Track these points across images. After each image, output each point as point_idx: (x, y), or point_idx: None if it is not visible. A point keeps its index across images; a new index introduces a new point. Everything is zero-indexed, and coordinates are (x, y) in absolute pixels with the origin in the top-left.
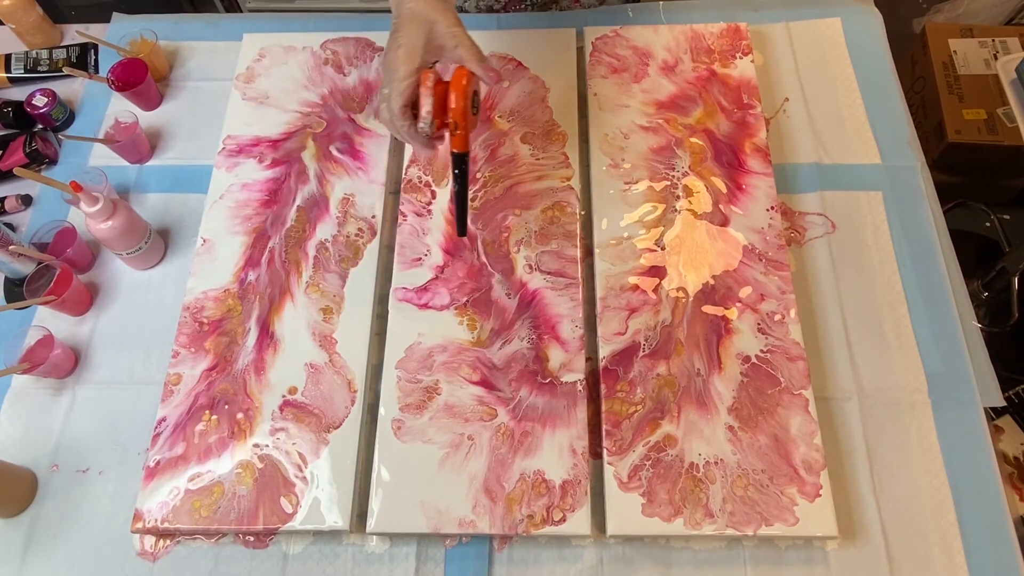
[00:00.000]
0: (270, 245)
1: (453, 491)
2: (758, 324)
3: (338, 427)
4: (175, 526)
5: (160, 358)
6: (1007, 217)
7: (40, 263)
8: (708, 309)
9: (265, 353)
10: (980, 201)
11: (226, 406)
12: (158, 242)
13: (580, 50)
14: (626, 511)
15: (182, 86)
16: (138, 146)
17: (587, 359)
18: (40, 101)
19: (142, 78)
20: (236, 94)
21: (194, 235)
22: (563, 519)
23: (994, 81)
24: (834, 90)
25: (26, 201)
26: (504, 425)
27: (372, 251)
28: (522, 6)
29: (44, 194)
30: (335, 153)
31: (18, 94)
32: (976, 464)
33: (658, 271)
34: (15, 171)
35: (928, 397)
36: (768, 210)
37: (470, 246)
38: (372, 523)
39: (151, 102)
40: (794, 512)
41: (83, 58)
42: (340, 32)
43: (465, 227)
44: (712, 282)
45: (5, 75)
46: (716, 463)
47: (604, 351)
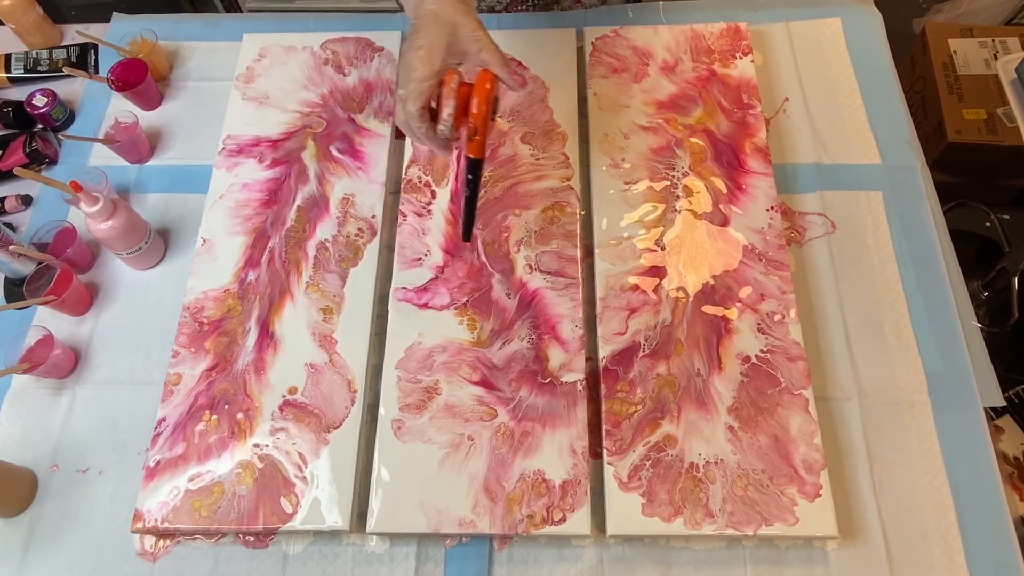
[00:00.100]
0: (270, 245)
1: (453, 491)
2: (758, 324)
3: (338, 427)
4: (175, 526)
5: (160, 358)
6: (1007, 217)
7: (40, 263)
8: (708, 309)
9: (265, 353)
10: (980, 201)
11: (226, 406)
12: (158, 242)
13: (580, 50)
14: (626, 511)
15: (182, 86)
16: (138, 146)
17: (587, 359)
18: (40, 101)
19: (142, 78)
20: (236, 94)
21: (194, 235)
22: (563, 519)
23: (994, 81)
24: (834, 90)
25: (26, 201)
26: (504, 425)
27: (372, 251)
28: (524, 6)
29: (44, 194)
30: (335, 153)
31: (18, 94)
32: (976, 464)
33: (658, 271)
34: (15, 171)
35: (928, 397)
36: (768, 210)
37: (470, 246)
38: (372, 523)
39: (151, 102)
40: (794, 512)
41: (83, 58)
42: (340, 32)
43: (470, 232)
44: (712, 282)
45: (5, 75)
46: (716, 463)
47: (604, 351)
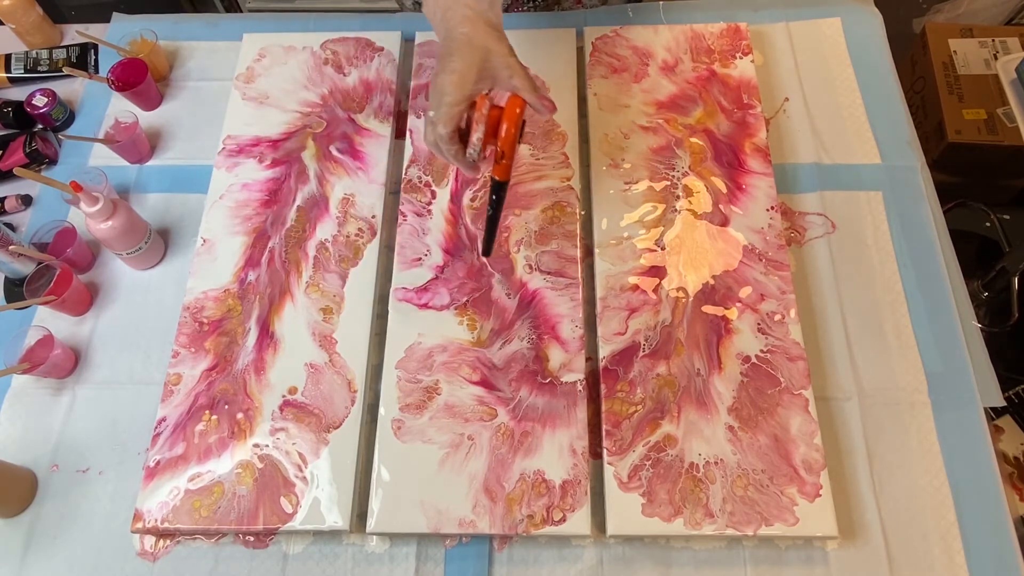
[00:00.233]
0: (270, 245)
1: (453, 491)
2: (758, 324)
3: (338, 427)
4: (175, 526)
5: (160, 358)
6: (1007, 217)
7: (40, 263)
8: (708, 309)
9: (265, 353)
10: (980, 201)
11: (226, 406)
12: (158, 242)
13: (580, 50)
14: (626, 511)
15: (182, 86)
16: (138, 146)
17: (587, 359)
18: (40, 101)
19: (142, 78)
20: (236, 94)
21: (194, 235)
22: (563, 519)
23: (994, 81)
24: (834, 90)
25: (26, 201)
26: (504, 425)
27: (372, 251)
28: (525, 7)
29: (44, 194)
30: (335, 153)
31: (18, 94)
32: (976, 464)
33: (658, 271)
34: (15, 171)
35: (928, 397)
36: (768, 210)
37: (470, 246)
38: (372, 523)
39: (151, 102)
40: (794, 512)
41: (83, 58)
42: (340, 32)
43: (491, 249)
44: (712, 282)
45: (5, 75)
46: (716, 463)
47: (604, 351)
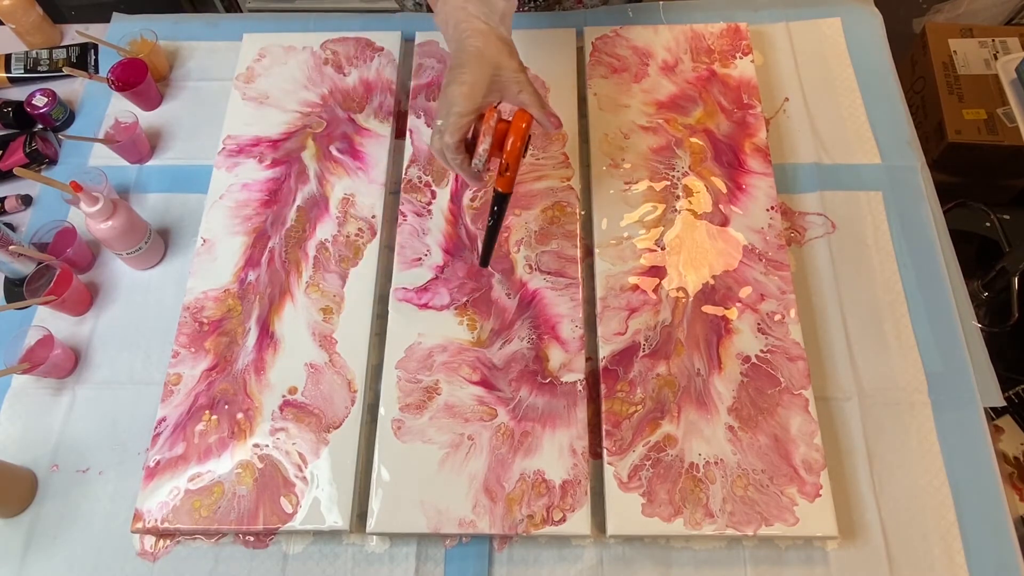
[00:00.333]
0: (270, 245)
1: (453, 491)
2: (758, 324)
3: (338, 427)
4: (175, 526)
5: (160, 358)
6: (1007, 217)
7: (40, 263)
8: (708, 309)
9: (265, 353)
10: (980, 201)
11: (226, 406)
12: (158, 242)
13: (580, 50)
14: (626, 511)
15: (182, 86)
16: (138, 146)
17: (587, 359)
18: (40, 101)
19: (142, 78)
20: (236, 94)
21: (194, 235)
22: (563, 519)
23: (994, 81)
24: (834, 90)
25: (26, 201)
26: (504, 425)
27: (372, 251)
28: (526, 7)
29: (44, 194)
30: (335, 153)
31: (18, 94)
32: (976, 464)
33: (658, 271)
34: (15, 171)
35: (928, 397)
36: (768, 210)
37: (470, 246)
38: (372, 523)
39: (151, 102)
40: (794, 512)
41: (83, 58)
42: (340, 32)
43: (488, 260)
44: (712, 282)
45: (5, 75)
46: (716, 463)
47: (604, 351)
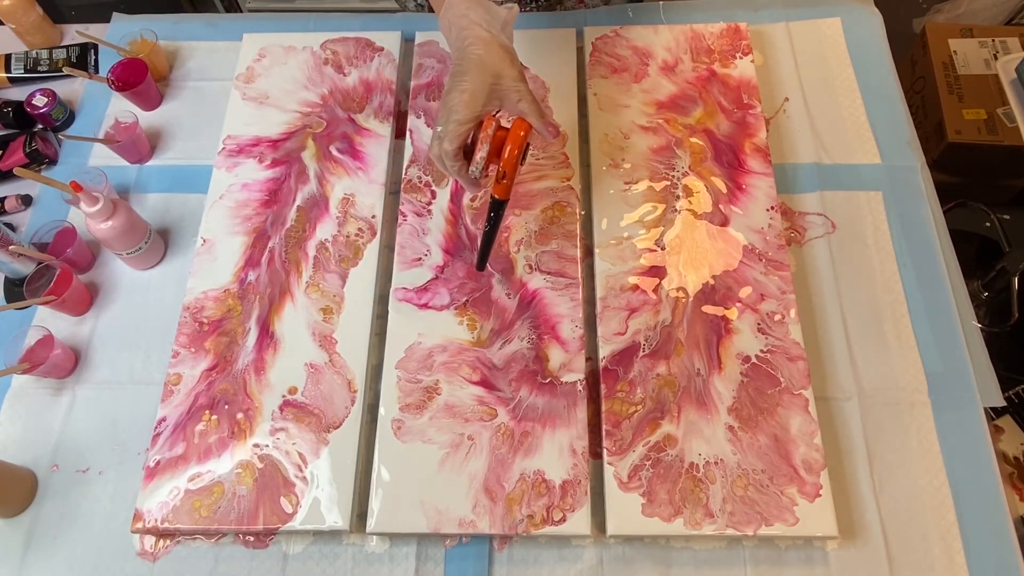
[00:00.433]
0: (270, 245)
1: (453, 491)
2: (758, 324)
3: (338, 427)
4: (175, 526)
5: (160, 358)
6: (1007, 217)
7: (40, 263)
8: (708, 309)
9: (265, 353)
10: (980, 201)
11: (226, 406)
12: (158, 242)
13: (580, 50)
14: (626, 511)
15: (182, 86)
16: (138, 146)
17: (587, 359)
18: (40, 101)
19: (142, 78)
20: (236, 94)
21: (194, 235)
22: (563, 519)
23: (994, 81)
24: (834, 90)
25: (26, 201)
26: (504, 425)
27: (372, 251)
28: (529, 7)
29: (44, 194)
30: (335, 153)
31: (18, 94)
32: (976, 464)
33: (658, 271)
34: (15, 171)
35: (928, 397)
36: (768, 210)
37: (470, 246)
38: (372, 523)
39: (151, 102)
40: (794, 512)
41: (83, 58)
42: (340, 32)
43: (485, 264)
44: (712, 282)
45: (5, 75)
46: (716, 463)
47: (604, 351)
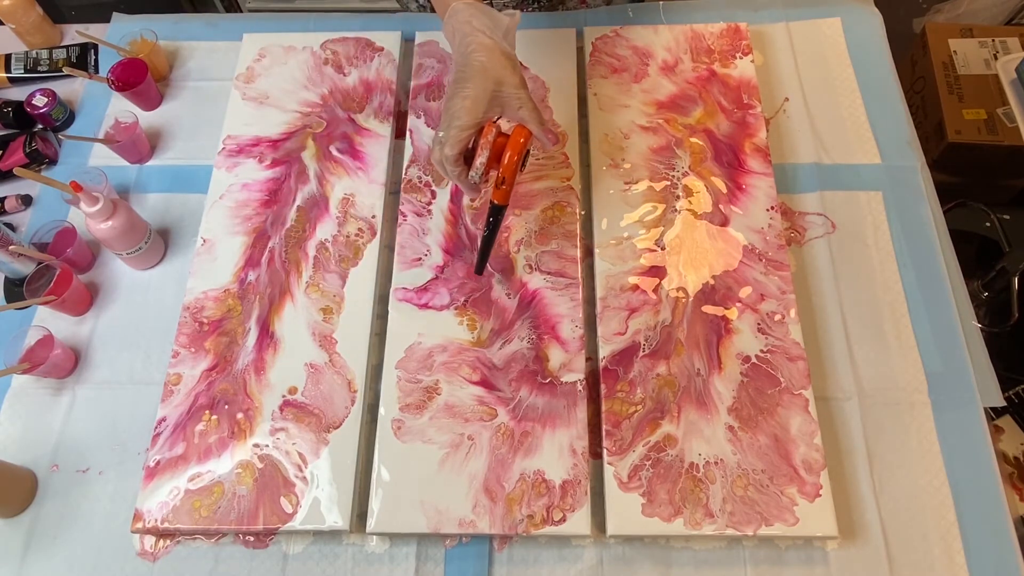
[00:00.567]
0: (270, 245)
1: (453, 491)
2: (758, 324)
3: (338, 427)
4: (175, 526)
5: (160, 358)
6: (1007, 217)
7: (40, 263)
8: (708, 309)
9: (265, 353)
10: (980, 201)
11: (226, 406)
12: (158, 242)
13: (580, 50)
14: (626, 511)
15: (182, 86)
16: (138, 146)
17: (587, 359)
18: (40, 101)
19: (142, 78)
20: (236, 94)
21: (194, 235)
22: (563, 519)
23: (994, 81)
24: (834, 90)
25: (26, 201)
26: (504, 425)
27: (372, 251)
28: (531, 7)
29: (44, 194)
30: (335, 153)
31: (18, 94)
32: (976, 464)
33: (658, 271)
34: (15, 171)
35: (928, 397)
36: (768, 210)
37: (470, 246)
38: (372, 523)
39: (151, 102)
40: (794, 512)
41: (83, 58)
42: (340, 32)
43: (483, 268)
44: (712, 282)
45: (5, 75)
46: (716, 463)
47: (604, 351)
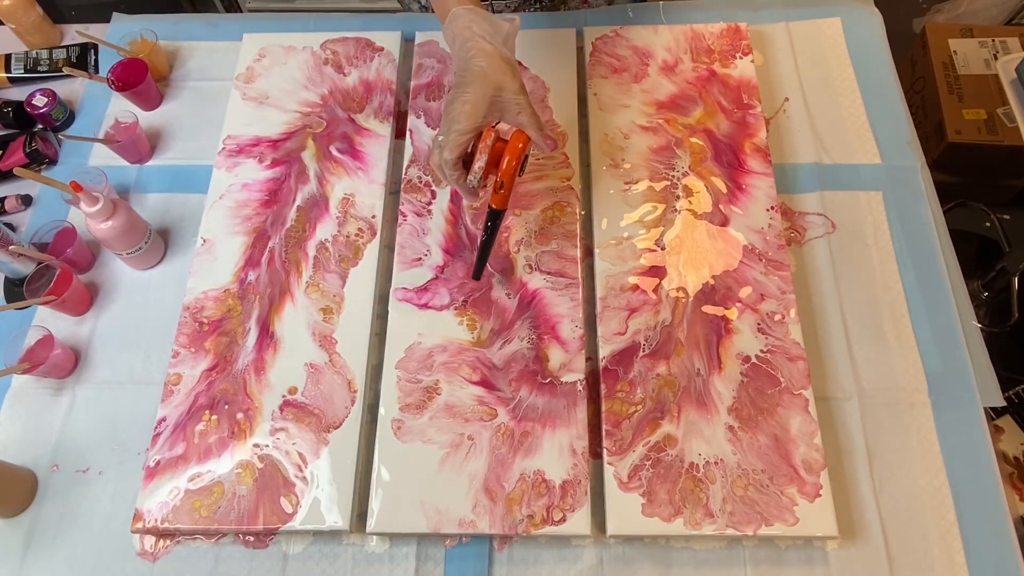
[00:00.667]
0: (270, 245)
1: (453, 491)
2: (758, 324)
3: (338, 427)
4: (175, 526)
5: (160, 358)
6: (1007, 217)
7: (40, 263)
8: (708, 309)
9: (265, 353)
10: (980, 201)
11: (226, 406)
12: (158, 242)
13: (580, 50)
14: (626, 511)
15: (182, 86)
16: (138, 146)
17: (587, 359)
18: (40, 101)
19: (142, 78)
20: (236, 94)
21: (194, 235)
22: (563, 519)
23: (994, 81)
24: (834, 90)
25: (26, 201)
26: (504, 425)
27: (372, 251)
28: (533, 8)
29: (44, 194)
30: (335, 153)
31: (18, 94)
32: (976, 464)
33: (658, 271)
34: (15, 171)
35: (928, 397)
36: (768, 210)
37: (470, 246)
38: (372, 523)
39: (151, 102)
40: (794, 512)
41: (83, 58)
42: (340, 32)
43: (481, 273)
44: (712, 282)
45: (5, 75)
46: (716, 463)
47: (604, 351)
